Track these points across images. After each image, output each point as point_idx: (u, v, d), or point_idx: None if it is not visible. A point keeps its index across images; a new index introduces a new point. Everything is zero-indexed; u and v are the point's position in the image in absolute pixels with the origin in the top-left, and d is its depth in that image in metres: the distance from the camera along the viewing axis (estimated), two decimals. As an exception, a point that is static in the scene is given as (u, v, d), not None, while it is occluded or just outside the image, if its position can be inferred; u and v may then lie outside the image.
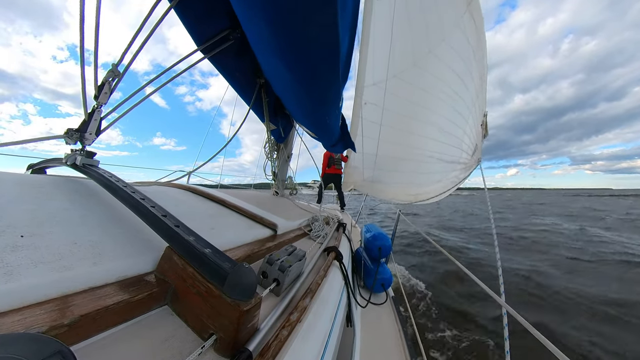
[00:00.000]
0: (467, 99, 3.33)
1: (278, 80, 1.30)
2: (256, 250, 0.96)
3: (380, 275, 2.24)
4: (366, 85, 3.47)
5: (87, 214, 0.66)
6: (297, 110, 1.59)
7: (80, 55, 0.77)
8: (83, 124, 0.86)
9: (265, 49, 0.96)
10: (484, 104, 3.37)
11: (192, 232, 0.60)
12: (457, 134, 3.52)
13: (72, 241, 0.55)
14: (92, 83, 0.85)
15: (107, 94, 0.87)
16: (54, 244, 0.53)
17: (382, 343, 1.68)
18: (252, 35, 0.98)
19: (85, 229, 0.61)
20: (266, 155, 2.54)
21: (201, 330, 0.50)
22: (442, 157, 3.72)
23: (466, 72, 3.20)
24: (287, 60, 0.91)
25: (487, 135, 3.35)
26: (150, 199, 0.69)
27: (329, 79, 1.02)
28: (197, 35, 1.20)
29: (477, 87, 3.28)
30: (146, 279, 0.57)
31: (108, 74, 0.87)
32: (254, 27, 0.88)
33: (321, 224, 1.79)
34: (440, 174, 3.86)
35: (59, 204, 0.66)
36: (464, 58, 3.13)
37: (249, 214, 1.29)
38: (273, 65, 1.06)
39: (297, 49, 0.83)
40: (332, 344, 0.75)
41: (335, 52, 0.84)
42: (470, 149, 3.49)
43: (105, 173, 0.80)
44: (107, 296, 0.47)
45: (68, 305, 0.42)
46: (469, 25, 2.94)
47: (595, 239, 9.05)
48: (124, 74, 0.89)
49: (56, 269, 0.47)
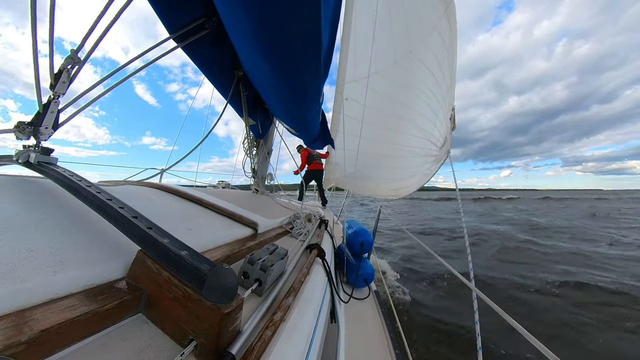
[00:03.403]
0: (438, 95, 3.50)
1: (257, 73, 1.25)
2: (236, 251, 0.93)
3: (362, 270, 2.28)
4: (347, 81, 3.49)
5: (44, 218, 0.60)
6: (277, 104, 1.55)
7: (32, 37, 0.69)
8: (37, 116, 0.77)
9: (245, 40, 0.92)
10: (453, 99, 3.56)
11: (166, 234, 0.56)
12: (429, 128, 3.68)
13: (27, 249, 0.50)
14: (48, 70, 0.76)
15: (65, 83, 0.79)
16: (6, 252, 0.47)
17: (366, 337, 1.72)
18: (230, 25, 0.93)
19: (42, 235, 0.55)
20: (245, 152, 2.47)
21: (180, 336, 0.48)
22: (416, 152, 3.86)
23: (439, 70, 3.35)
24: (267, 53, 0.88)
25: (455, 128, 3.54)
26: (118, 200, 0.64)
27: (310, 73, 1.00)
28: (168, 22, 1.12)
29: (447, 84, 3.45)
30: (116, 286, 0.52)
31: (66, 61, 0.78)
32: (232, 17, 0.84)
33: (303, 221, 1.78)
34: (415, 168, 4.01)
35: (9, 208, 0.59)
36: (438, 57, 3.26)
37: (228, 213, 1.25)
38: (252, 57, 1.02)
39: (278, 41, 0.80)
40: (317, 341, 0.74)
41: (316, 46, 0.83)
42: (439, 141, 3.66)
43: (65, 172, 0.73)
44: (71, 307, 0.43)
45: (25, 321, 0.38)
46: (445, 28, 3.06)
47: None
48: (86, 61, 0.81)
49: (8, 281, 0.42)
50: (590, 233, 10.41)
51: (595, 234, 10.25)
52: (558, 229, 11.29)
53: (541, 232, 10.59)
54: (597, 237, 9.44)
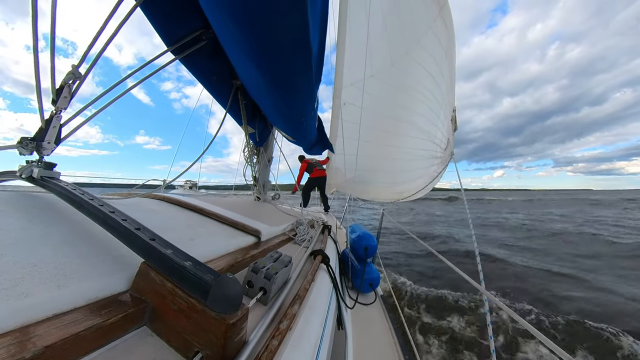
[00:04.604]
0: (438, 95, 3.51)
1: (251, 82, 1.27)
2: (240, 259, 0.93)
3: (367, 275, 2.26)
4: (344, 86, 3.52)
5: (48, 232, 0.60)
6: (273, 112, 1.56)
7: (34, 54, 0.70)
8: (40, 132, 0.78)
9: (237, 51, 0.94)
10: (453, 100, 3.55)
11: (169, 245, 0.56)
12: (431, 130, 3.67)
13: (32, 263, 0.50)
14: (50, 86, 0.77)
15: (67, 98, 0.80)
16: (10, 268, 0.47)
17: (374, 343, 1.69)
18: (223, 36, 0.95)
19: (46, 249, 0.55)
20: (245, 160, 2.48)
21: (185, 349, 0.47)
22: (421, 154, 3.85)
23: (438, 71, 3.36)
24: (259, 62, 0.89)
25: (456, 129, 3.53)
26: (120, 212, 0.64)
27: (303, 79, 1.01)
28: (166, 35, 1.14)
29: (447, 84, 3.46)
30: (120, 299, 0.52)
31: (68, 76, 0.79)
32: (223, 29, 0.85)
33: (306, 227, 1.77)
34: (421, 170, 4.00)
35: (13, 222, 0.59)
36: (436, 58, 3.29)
37: (230, 221, 1.24)
38: (246, 67, 1.03)
39: (269, 50, 0.81)
40: (325, 348, 0.73)
41: (307, 52, 0.83)
42: (443, 143, 3.65)
43: (68, 185, 0.73)
44: (75, 322, 0.42)
45: (29, 337, 0.38)
46: (440, 29, 3.09)
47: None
48: (87, 76, 0.82)
49: (12, 297, 0.42)
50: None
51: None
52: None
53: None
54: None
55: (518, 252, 7.46)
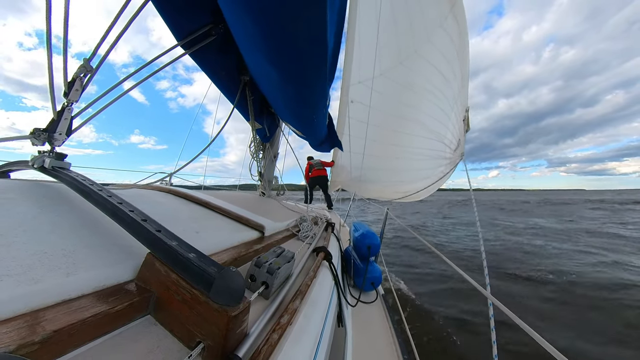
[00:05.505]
0: (449, 95, 3.43)
1: (264, 78, 1.27)
2: (243, 253, 0.94)
3: (369, 274, 2.25)
4: (352, 83, 3.49)
5: (58, 221, 0.62)
6: (284, 108, 1.56)
7: (47, 48, 0.71)
8: (51, 123, 0.80)
9: (251, 46, 0.94)
10: (466, 100, 3.47)
11: (174, 237, 0.57)
12: (441, 130, 3.61)
13: (42, 251, 0.51)
14: (62, 78, 0.79)
15: (78, 90, 0.81)
16: (21, 254, 0.48)
17: (374, 342, 1.69)
18: (237, 31, 0.95)
19: (56, 237, 0.56)
20: (252, 155, 2.49)
21: (187, 339, 0.48)
22: (429, 154, 3.81)
23: (449, 70, 3.29)
24: (273, 57, 0.89)
25: (469, 130, 3.45)
26: (128, 203, 0.65)
27: (316, 76, 1.00)
28: (177, 30, 1.15)
29: (459, 84, 3.38)
30: (126, 287, 0.53)
31: (79, 69, 0.81)
32: (239, 23, 0.85)
33: (309, 224, 1.77)
34: (427, 170, 3.95)
35: (26, 211, 0.61)
36: (447, 57, 3.22)
37: (235, 216, 1.26)
38: (259, 62, 1.03)
39: (284, 45, 0.81)
40: (324, 344, 0.74)
41: (322, 49, 0.83)
42: (453, 144, 3.59)
43: (78, 176, 0.75)
44: (83, 308, 0.44)
45: (39, 321, 0.39)
46: (452, 26, 3.02)
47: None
48: (98, 69, 0.83)
49: (24, 282, 0.44)
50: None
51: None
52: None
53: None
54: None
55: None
